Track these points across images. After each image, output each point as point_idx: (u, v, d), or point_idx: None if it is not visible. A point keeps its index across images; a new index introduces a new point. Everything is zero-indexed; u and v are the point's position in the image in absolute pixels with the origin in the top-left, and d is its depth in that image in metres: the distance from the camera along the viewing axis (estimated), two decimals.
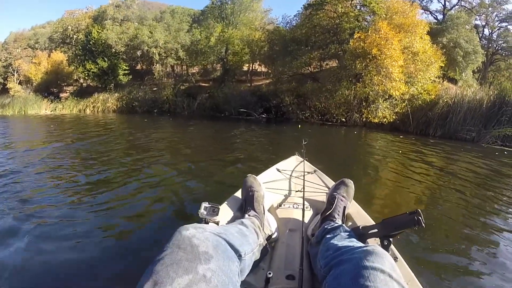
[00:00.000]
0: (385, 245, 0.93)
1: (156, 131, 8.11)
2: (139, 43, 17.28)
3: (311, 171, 1.94)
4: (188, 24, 18.32)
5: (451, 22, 16.13)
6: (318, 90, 10.83)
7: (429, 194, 3.08)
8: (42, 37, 25.18)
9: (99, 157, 4.37)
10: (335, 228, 1.01)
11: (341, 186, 1.31)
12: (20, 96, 19.74)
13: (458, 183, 3.45)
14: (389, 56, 8.91)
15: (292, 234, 1.22)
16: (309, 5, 12.33)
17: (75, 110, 17.74)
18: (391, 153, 5.53)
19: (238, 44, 14.57)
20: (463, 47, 15.35)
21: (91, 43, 17.32)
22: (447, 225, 2.26)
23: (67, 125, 9.84)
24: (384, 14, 10.36)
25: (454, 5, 19.08)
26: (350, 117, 10.24)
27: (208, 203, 1.02)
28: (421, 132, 8.71)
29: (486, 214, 2.53)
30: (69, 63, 19.92)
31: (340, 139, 7.86)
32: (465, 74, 15.56)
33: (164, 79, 18.85)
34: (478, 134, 7.75)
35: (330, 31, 11.61)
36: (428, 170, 4.07)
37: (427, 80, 9.94)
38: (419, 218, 0.85)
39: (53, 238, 1.91)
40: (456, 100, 8.58)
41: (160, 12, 20.69)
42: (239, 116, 12.66)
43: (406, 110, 9.31)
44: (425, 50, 9.95)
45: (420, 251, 1.82)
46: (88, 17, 20.64)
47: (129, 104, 16.83)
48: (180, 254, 0.61)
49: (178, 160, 4.39)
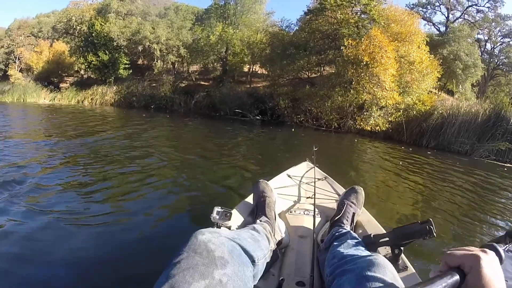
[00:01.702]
0: (396, 254, 0.93)
1: (154, 128, 8.14)
2: (141, 38, 17.20)
3: (321, 177, 1.94)
4: (191, 22, 18.29)
5: (453, 34, 16.14)
6: (313, 95, 10.81)
7: (422, 205, 3.12)
8: (45, 26, 25.08)
9: (100, 155, 4.31)
10: (343, 235, 1.02)
11: (351, 193, 1.34)
12: (20, 83, 19.76)
13: (449, 195, 3.50)
14: (381, 64, 8.89)
15: (303, 240, 1.24)
16: (310, 11, 12.36)
17: (73, 101, 17.74)
18: (382, 161, 5.54)
19: (238, 45, 14.53)
20: (463, 59, 15.35)
21: (93, 36, 17.29)
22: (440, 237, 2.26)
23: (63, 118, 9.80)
24: (383, 22, 10.36)
25: (457, 18, 19.13)
26: (344, 124, 10.22)
27: (221, 208, 1.01)
28: (415, 143, 8.68)
29: (479, 226, 2.59)
30: (71, 54, 19.85)
31: (331, 144, 7.84)
32: (462, 87, 15.56)
33: (164, 75, 18.82)
34: (471, 148, 7.74)
35: (329, 37, 11.62)
36: (418, 182, 4.06)
37: (423, 91, 9.93)
38: (430, 227, 0.85)
39: (64, 236, 1.89)
40: (451, 112, 8.57)
41: (165, 8, 20.67)
42: (234, 117, 12.62)
43: (400, 119, 9.28)
44: (422, 60, 9.92)
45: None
46: (93, 9, 20.59)
47: (127, 98, 16.76)
48: (197, 259, 0.62)
49: (170, 158, 4.40)
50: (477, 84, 18.39)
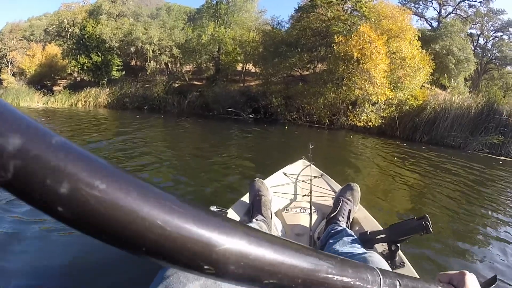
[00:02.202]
0: (393, 250, 0.94)
1: (149, 129, 8.10)
2: (133, 39, 17.17)
3: (317, 175, 1.92)
4: (184, 22, 18.25)
5: (445, 29, 16.18)
6: (305, 92, 10.81)
7: (418, 200, 3.09)
8: (37, 29, 24.96)
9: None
10: (338, 232, 1.03)
11: (346, 190, 1.34)
12: (13, 88, 19.64)
13: (446, 190, 3.46)
14: (371, 60, 8.89)
15: (299, 238, 1.24)
16: (300, 8, 12.33)
17: (66, 103, 17.61)
18: (376, 157, 5.52)
19: (230, 44, 14.49)
20: (455, 54, 15.40)
21: (85, 38, 17.22)
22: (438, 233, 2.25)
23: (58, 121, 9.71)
24: (374, 19, 10.35)
25: (450, 13, 19.17)
26: (337, 120, 10.20)
27: (216, 207, 1.02)
28: (408, 137, 8.71)
29: (475, 219, 2.57)
30: (63, 57, 19.77)
31: (324, 142, 7.81)
32: (455, 82, 15.57)
33: (158, 76, 18.76)
34: (465, 141, 7.75)
35: (320, 34, 11.62)
36: (413, 177, 4.03)
37: (415, 86, 9.93)
38: (427, 223, 0.85)
39: (59, 238, 1.87)
40: (444, 106, 8.57)
41: (156, 9, 20.61)
42: (227, 116, 12.59)
43: (393, 114, 9.27)
44: (414, 55, 9.93)
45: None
46: (85, 11, 20.54)
47: (120, 100, 16.70)
48: None
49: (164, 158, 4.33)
50: (470, 78, 18.42)
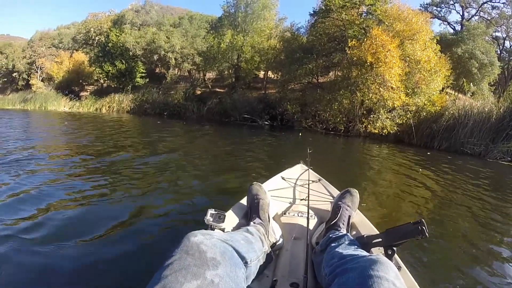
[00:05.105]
0: (389, 254, 0.93)
1: (169, 135, 8.33)
2: (156, 47, 17.82)
3: (315, 179, 1.95)
4: (206, 30, 18.70)
5: (468, 32, 15.66)
6: (321, 99, 10.79)
7: (432, 207, 3.03)
8: (66, 37, 26.31)
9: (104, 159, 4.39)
10: (340, 237, 1.02)
11: (346, 195, 1.32)
12: (42, 92, 21.02)
13: (460, 198, 3.36)
14: (385, 63, 8.77)
15: (297, 242, 1.25)
16: (315, 13, 12.39)
17: (92, 108, 18.57)
18: (391, 164, 5.37)
19: (249, 52, 14.73)
20: (478, 58, 14.86)
21: (110, 46, 18.03)
22: (449, 240, 2.22)
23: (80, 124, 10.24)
24: (387, 22, 10.19)
25: (473, 16, 18.56)
26: (353, 127, 10.14)
27: (214, 210, 1.02)
28: (425, 145, 8.41)
29: (490, 230, 2.48)
30: (90, 64, 20.72)
31: (339, 148, 7.79)
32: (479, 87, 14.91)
33: (181, 82, 19.39)
34: (485, 149, 7.39)
35: (335, 40, 11.58)
36: (428, 184, 3.90)
37: (432, 91, 9.66)
38: (422, 228, 0.86)
39: (57, 238, 1.88)
40: (463, 112, 8.26)
41: (179, 18, 21.24)
42: (243, 122, 12.82)
43: (410, 121, 9.10)
44: (429, 58, 9.67)
45: (424, 262, 1.81)
46: (110, 20, 21.47)
47: (141, 106, 17.36)
48: (189, 260, 0.63)
49: (180, 163, 4.47)
50: (496, 83, 17.69)
